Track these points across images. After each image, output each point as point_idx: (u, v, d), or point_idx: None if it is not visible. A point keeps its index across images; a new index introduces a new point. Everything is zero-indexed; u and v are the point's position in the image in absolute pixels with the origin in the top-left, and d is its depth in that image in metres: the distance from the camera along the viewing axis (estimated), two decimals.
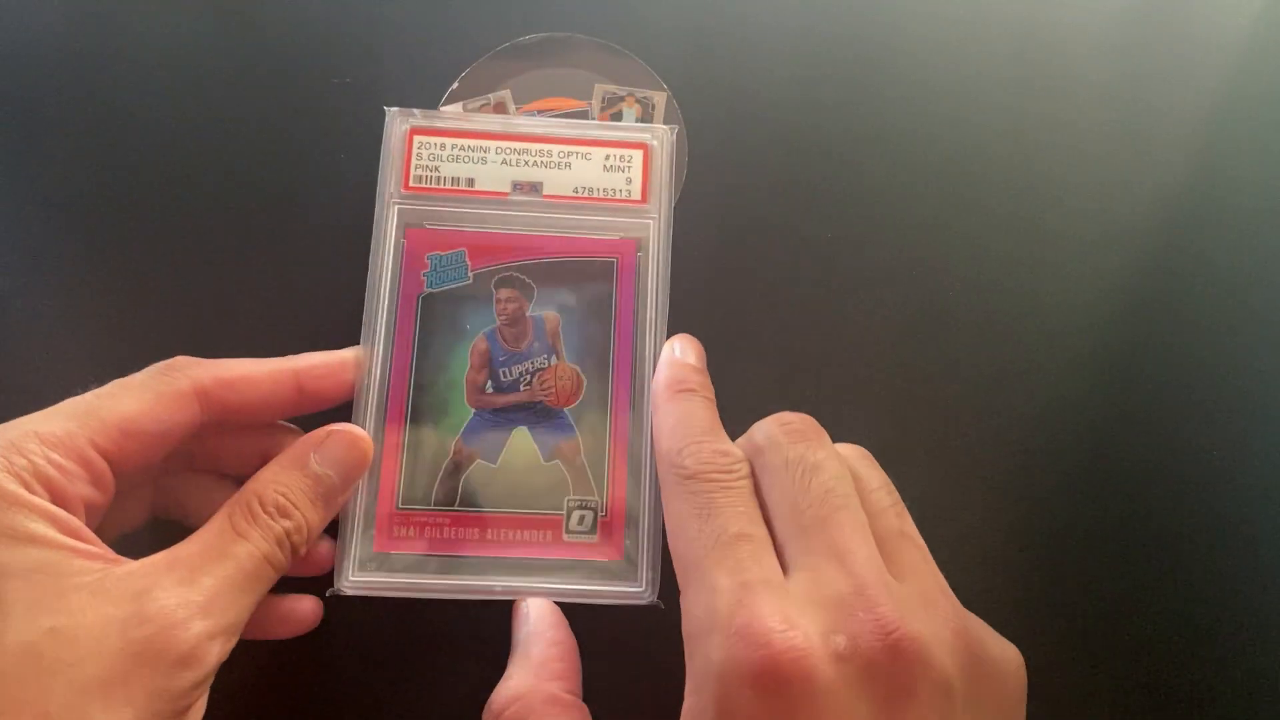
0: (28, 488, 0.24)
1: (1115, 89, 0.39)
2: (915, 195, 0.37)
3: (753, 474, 0.29)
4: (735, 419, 0.34)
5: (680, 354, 0.33)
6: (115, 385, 0.28)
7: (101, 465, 0.26)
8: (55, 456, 0.25)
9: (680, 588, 0.27)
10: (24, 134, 0.36)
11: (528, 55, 0.38)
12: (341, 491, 0.29)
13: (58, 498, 0.25)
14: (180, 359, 0.29)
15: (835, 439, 0.31)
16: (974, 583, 0.33)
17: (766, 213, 0.37)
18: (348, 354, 0.32)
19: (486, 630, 0.32)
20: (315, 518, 0.28)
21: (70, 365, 0.34)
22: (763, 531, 0.27)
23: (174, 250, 0.35)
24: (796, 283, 0.36)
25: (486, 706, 0.29)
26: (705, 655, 0.25)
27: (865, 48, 0.39)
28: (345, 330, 0.33)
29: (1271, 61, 0.39)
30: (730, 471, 0.28)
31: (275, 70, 0.38)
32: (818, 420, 0.30)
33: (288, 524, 0.27)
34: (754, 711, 0.23)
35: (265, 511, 0.27)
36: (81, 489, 0.26)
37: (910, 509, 0.29)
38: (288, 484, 0.28)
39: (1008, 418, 0.35)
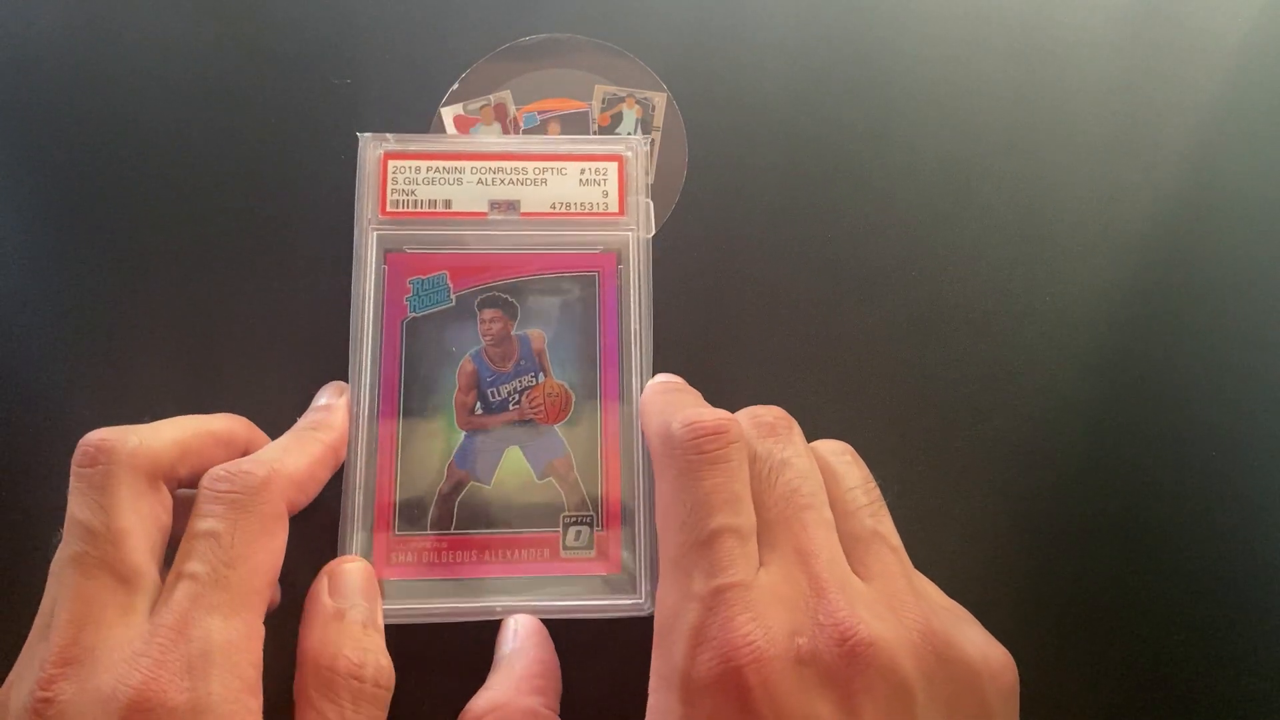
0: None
1: (1115, 89, 0.39)
2: (915, 195, 0.37)
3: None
4: None
5: (663, 380, 0.33)
6: (240, 540, 0.26)
7: None
8: (255, 658, 0.26)
9: (659, 574, 0.27)
10: (20, 135, 0.36)
11: (528, 56, 0.38)
12: (376, 614, 0.30)
13: None
14: (252, 474, 0.27)
15: (833, 438, 0.31)
16: (973, 582, 0.33)
17: (766, 213, 0.37)
18: (345, 401, 0.32)
19: (483, 651, 0.32)
20: (379, 647, 0.28)
21: (70, 365, 0.34)
22: (745, 516, 0.27)
23: (170, 254, 0.35)
24: (796, 282, 0.36)
25: (462, 715, 0.29)
26: (670, 657, 0.25)
27: (865, 48, 0.39)
28: (336, 347, 0.34)
29: (1271, 61, 0.39)
30: (720, 434, 0.28)
31: (274, 70, 0.37)
32: (818, 420, 0.30)
33: (369, 671, 0.27)
34: (716, 716, 0.24)
35: (347, 676, 0.27)
36: None
37: (909, 509, 0.29)
38: (340, 637, 0.28)
39: (1008, 418, 0.35)
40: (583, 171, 0.36)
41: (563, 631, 0.31)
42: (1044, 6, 0.40)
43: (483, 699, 0.29)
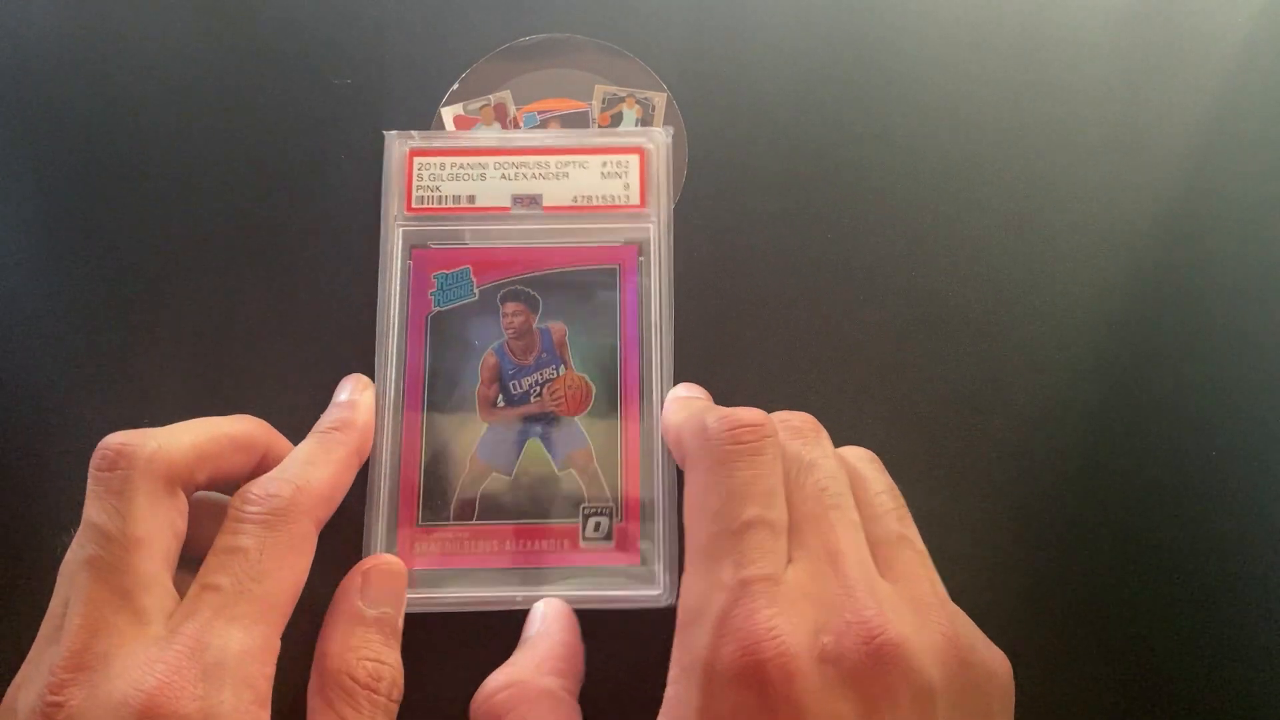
0: None
1: (1115, 89, 0.38)
2: (916, 195, 0.37)
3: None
4: None
5: (685, 392, 0.33)
6: (268, 556, 0.26)
7: None
8: (269, 670, 0.26)
9: (684, 564, 0.27)
10: (23, 135, 0.37)
11: (528, 56, 0.39)
12: (399, 619, 0.30)
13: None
14: (280, 496, 0.27)
15: (836, 439, 0.31)
16: (972, 582, 0.32)
17: (766, 212, 0.37)
18: (368, 398, 0.33)
19: (503, 640, 0.32)
20: (397, 659, 0.29)
21: (72, 367, 0.35)
22: (778, 511, 0.27)
23: (178, 257, 0.36)
24: (795, 282, 0.36)
25: (480, 688, 0.29)
26: (693, 646, 0.25)
27: (865, 47, 0.39)
28: (354, 342, 0.34)
29: (1271, 61, 0.38)
30: (757, 426, 0.28)
31: (275, 71, 0.38)
32: (818, 420, 0.30)
33: (385, 684, 0.28)
34: (737, 708, 0.24)
35: (365, 687, 0.27)
36: None
37: (910, 509, 0.29)
38: (364, 645, 0.28)
39: (1008, 418, 0.35)
40: (604, 165, 0.36)
41: (581, 622, 0.32)
42: (1044, 6, 0.39)
43: (501, 674, 0.29)
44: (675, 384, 0.34)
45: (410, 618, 0.32)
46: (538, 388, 0.34)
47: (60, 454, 0.34)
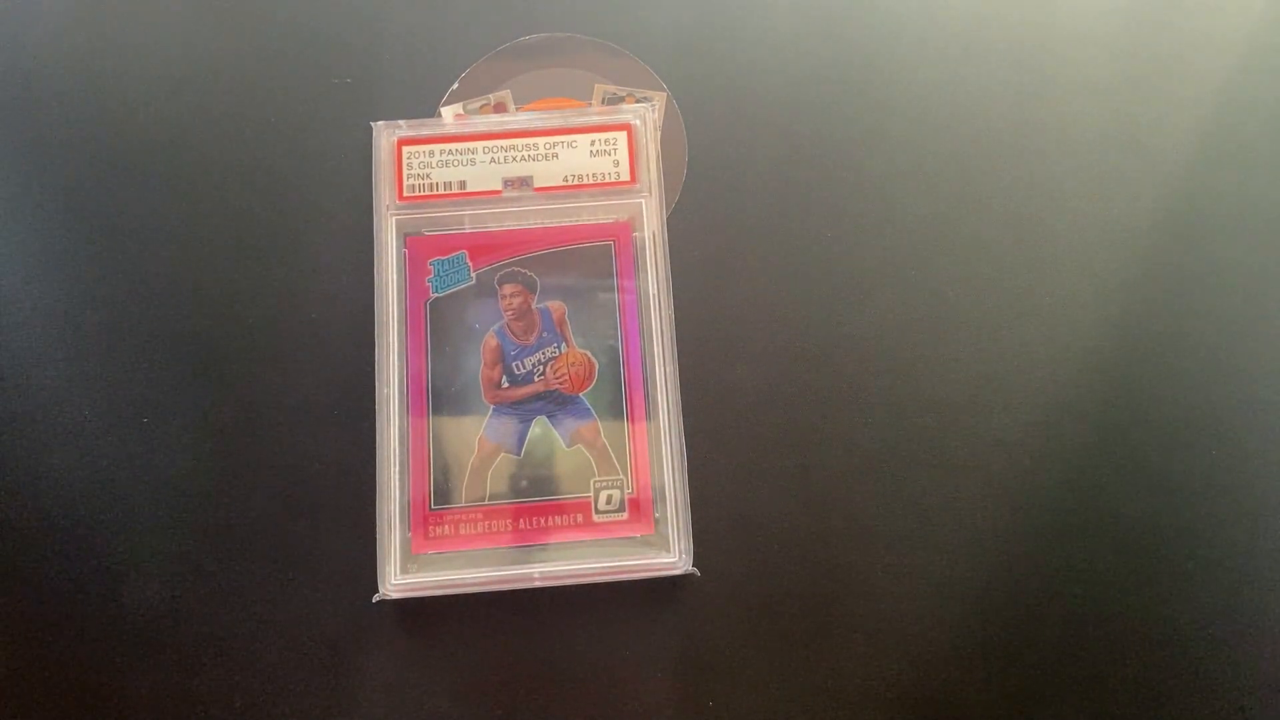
0: None
1: (1115, 89, 0.39)
2: (915, 194, 0.37)
3: None
4: (735, 418, 0.34)
5: None
6: None
7: None
8: None
9: None
10: (25, 134, 0.37)
11: (528, 55, 0.39)
12: None
13: None
14: None
15: (836, 439, 0.31)
16: (973, 581, 0.33)
17: (766, 212, 0.37)
18: None
19: (523, 619, 0.32)
20: None
21: (75, 366, 0.35)
22: None
23: (179, 254, 0.36)
24: (796, 282, 0.36)
25: None
26: None
27: (865, 47, 0.39)
28: (355, 333, 0.34)
29: (1271, 61, 0.39)
30: None
31: (276, 70, 0.38)
32: (818, 420, 0.30)
33: None
34: None
35: None
36: None
37: (910, 509, 0.28)
38: None
39: (1008, 418, 0.35)
40: (593, 143, 0.36)
41: (597, 597, 0.32)
42: (1044, 6, 0.39)
43: None
44: (676, 357, 0.34)
45: (427, 602, 0.32)
46: (540, 367, 0.34)
47: (60, 453, 0.34)
